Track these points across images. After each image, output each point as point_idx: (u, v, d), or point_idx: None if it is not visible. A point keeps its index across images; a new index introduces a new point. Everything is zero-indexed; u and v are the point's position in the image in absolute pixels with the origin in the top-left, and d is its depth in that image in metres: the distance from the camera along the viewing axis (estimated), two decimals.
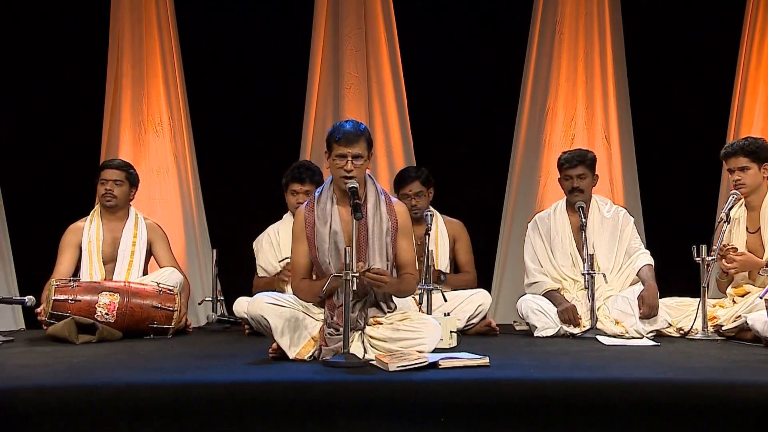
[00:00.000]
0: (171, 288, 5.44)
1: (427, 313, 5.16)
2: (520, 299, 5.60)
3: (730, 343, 5.03)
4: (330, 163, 4.42)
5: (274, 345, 4.19)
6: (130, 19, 7.22)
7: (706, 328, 5.18)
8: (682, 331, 5.33)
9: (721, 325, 5.19)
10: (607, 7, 7.45)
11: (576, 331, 5.34)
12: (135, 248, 5.82)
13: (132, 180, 5.98)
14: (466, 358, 3.92)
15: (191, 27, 7.36)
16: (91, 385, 3.49)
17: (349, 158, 4.33)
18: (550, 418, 3.42)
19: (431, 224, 5.60)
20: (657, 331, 5.34)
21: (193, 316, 6.46)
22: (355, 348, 4.20)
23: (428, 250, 5.34)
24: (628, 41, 7.45)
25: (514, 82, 7.44)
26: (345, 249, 3.98)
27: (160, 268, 5.92)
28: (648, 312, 5.24)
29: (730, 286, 5.44)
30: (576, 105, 7.43)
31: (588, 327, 5.31)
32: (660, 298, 5.46)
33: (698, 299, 5.25)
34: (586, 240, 5.41)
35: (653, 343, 4.91)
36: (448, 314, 4.96)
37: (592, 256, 5.35)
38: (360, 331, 4.28)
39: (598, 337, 5.10)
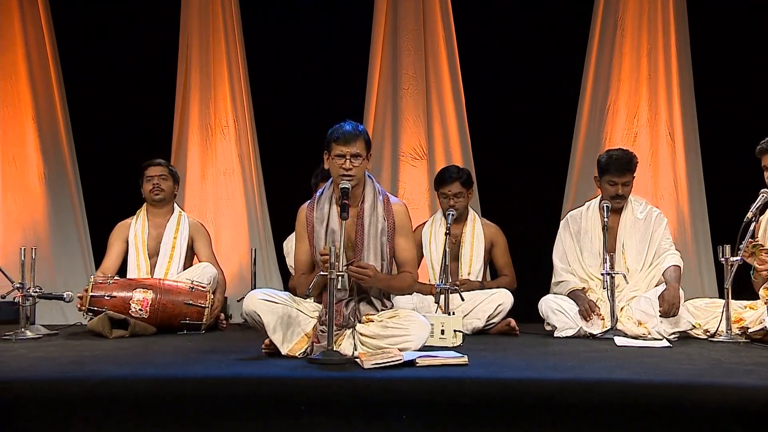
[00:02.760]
0: (203, 285, 5.66)
1: (445, 313, 5.21)
2: (542, 299, 5.56)
3: (754, 345, 4.87)
4: (329, 164, 4.52)
5: (267, 341, 4.33)
6: (198, 25, 7.56)
7: (730, 330, 5.03)
8: (708, 333, 5.18)
9: (748, 327, 5.03)
10: (671, 2, 7.29)
11: (596, 331, 5.27)
12: (176, 243, 6.06)
13: (174, 176, 6.28)
14: (445, 357, 3.96)
15: (256, 32, 7.63)
16: (69, 378, 3.71)
17: (348, 157, 4.43)
18: (509, 416, 3.45)
19: (450, 224, 5.60)
20: (681, 332, 5.21)
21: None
22: (346, 345, 4.31)
23: (445, 252, 5.35)
24: (694, 36, 7.29)
25: (574, 78, 7.38)
26: (330, 248, 4.07)
27: None
28: (667, 309, 5.12)
29: (762, 287, 5.25)
30: (639, 102, 7.32)
31: (608, 327, 5.23)
32: (692, 299, 5.37)
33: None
34: (605, 240, 5.32)
35: (666, 344, 4.81)
36: (453, 313, 4.99)
37: (612, 256, 5.26)
38: (352, 329, 4.37)
39: (615, 338, 5.03)
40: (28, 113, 7.60)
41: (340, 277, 4.06)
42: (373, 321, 4.40)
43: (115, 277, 5.68)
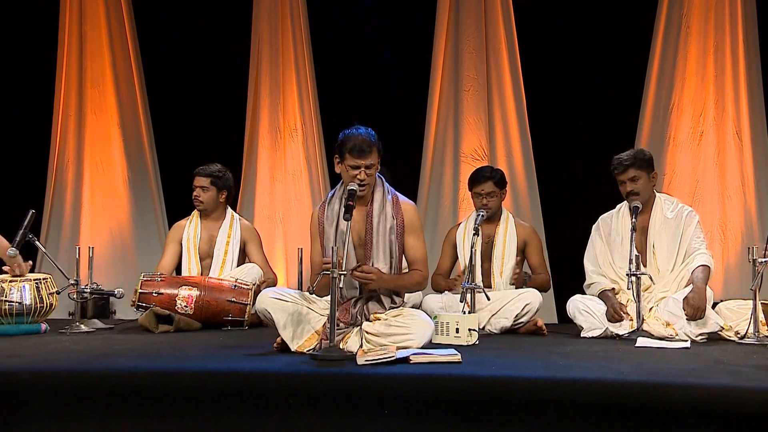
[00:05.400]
0: (246, 284, 5.88)
1: (471, 312, 5.28)
2: (569, 300, 5.55)
3: None
4: (341, 169, 4.66)
5: (279, 339, 4.51)
6: (268, 34, 7.85)
7: (758, 331, 4.93)
8: (739, 335, 5.09)
9: None
10: None
11: (622, 331, 5.23)
12: (228, 247, 6.29)
13: (219, 185, 6.38)
14: (438, 354, 4.04)
15: (323, 38, 7.87)
16: (78, 370, 4.02)
17: (362, 168, 4.58)
18: (487, 412, 3.57)
19: (479, 224, 5.65)
20: (710, 333, 5.12)
21: None
22: (353, 342, 4.46)
23: (472, 251, 5.41)
24: (763, 33, 7.13)
25: (637, 77, 7.30)
26: (332, 248, 4.22)
27: None
28: (691, 313, 5.04)
29: None
30: (705, 100, 7.19)
31: (634, 328, 5.19)
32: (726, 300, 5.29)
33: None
34: (632, 240, 5.27)
35: (685, 345, 4.76)
36: (469, 312, 5.06)
37: (637, 257, 5.21)
38: (359, 327, 4.51)
39: (639, 338, 4.99)
40: (114, 119, 8.08)
41: (342, 276, 4.19)
42: (379, 319, 4.53)
43: (163, 275, 5.96)
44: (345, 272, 4.24)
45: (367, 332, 4.48)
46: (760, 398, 3.32)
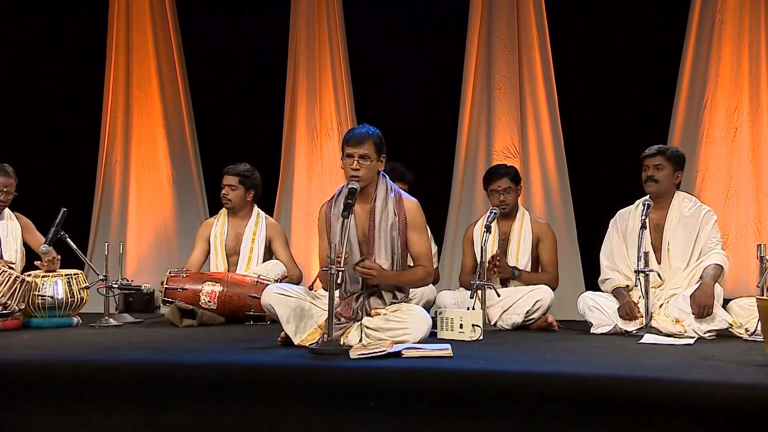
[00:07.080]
0: (269, 280, 6.04)
1: (481, 308, 5.34)
2: (580, 296, 5.58)
3: None
4: (343, 164, 4.78)
5: (283, 333, 4.64)
6: (305, 37, 8.00)
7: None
8: (748, 332, 5.06)
9: None
10: None
11: (631, 328, 5.24)
12: (254, 244, 6.46)
13: (248, 184, 6.56)
14: (430, 349, 4.13)
15: (358, 40, 7.99)
16: (80, 361, 4.22)
17: (356, 158, 4.70)
18: (468, 405, 3.64)
19: (491, 221, 5.69)
20: (719, 330, 5.11)
21: None
22: (353, 336, 4.57)
23: (483, 247, 5.47)
24: None
25: (669, 73, 7.24)
26: (331, 245, 4.34)
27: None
28: (697, 311, 5.04)
29: None
30: (740, 96, 7.09)
31: (643, 325, 5.19)
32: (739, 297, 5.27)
33: None
34: (642, 237, 5.26)
35: (688, 342, 4.77)
36: (473, 308, 5.12)
37: (646, 254, 5.21)
38: (360, 321, 4.62)
39: (645, 335, 5.00)
40: (159, 120, 8.32)
41: (340, 272, 4.30)
42: (379, 314, 4.63)
43: (189, 271, 6.15)
44: (343, 268, 4.33)
45: (366, 327, 4.58)
46: (730, 393, 3.35)
